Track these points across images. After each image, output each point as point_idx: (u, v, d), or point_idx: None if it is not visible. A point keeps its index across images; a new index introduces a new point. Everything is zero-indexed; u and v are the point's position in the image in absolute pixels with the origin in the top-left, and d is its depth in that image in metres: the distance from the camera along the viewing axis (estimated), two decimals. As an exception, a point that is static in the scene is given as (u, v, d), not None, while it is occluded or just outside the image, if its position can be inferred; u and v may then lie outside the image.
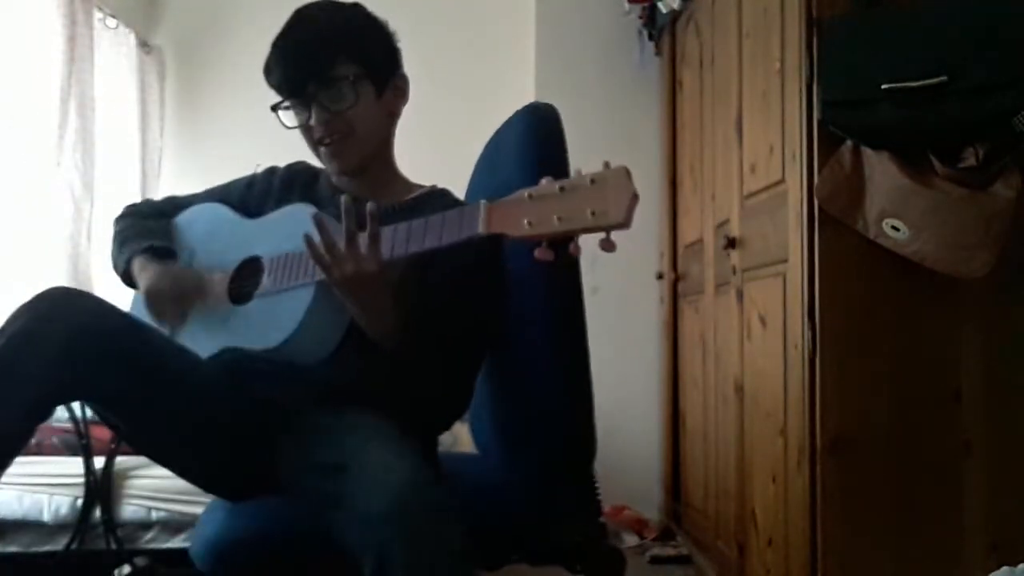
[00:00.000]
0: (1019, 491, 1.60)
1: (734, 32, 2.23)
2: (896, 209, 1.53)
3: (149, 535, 2.01)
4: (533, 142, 1.35)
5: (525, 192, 1.01)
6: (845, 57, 1.58)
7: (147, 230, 1.47)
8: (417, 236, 1.11)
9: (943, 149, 1.50)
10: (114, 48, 3.24)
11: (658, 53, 3.26)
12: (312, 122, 1.32)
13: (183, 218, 1.51)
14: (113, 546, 1.96)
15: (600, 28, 3.33)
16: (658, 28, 3.16)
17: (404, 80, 1.43)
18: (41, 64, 2.73)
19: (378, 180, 1.40)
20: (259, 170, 1.53)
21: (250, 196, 1.48)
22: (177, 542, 1.98)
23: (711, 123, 2.53)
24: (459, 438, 2.01)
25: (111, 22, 3.21)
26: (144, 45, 3.44)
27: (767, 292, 1.93)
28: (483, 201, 1.04)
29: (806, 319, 1.66)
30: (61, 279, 2.78)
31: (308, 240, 1.11)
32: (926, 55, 1.48)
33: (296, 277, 1.23)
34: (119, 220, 1.53)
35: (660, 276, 3.15)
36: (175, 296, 1.35)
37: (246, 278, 1.34)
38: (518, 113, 1.42)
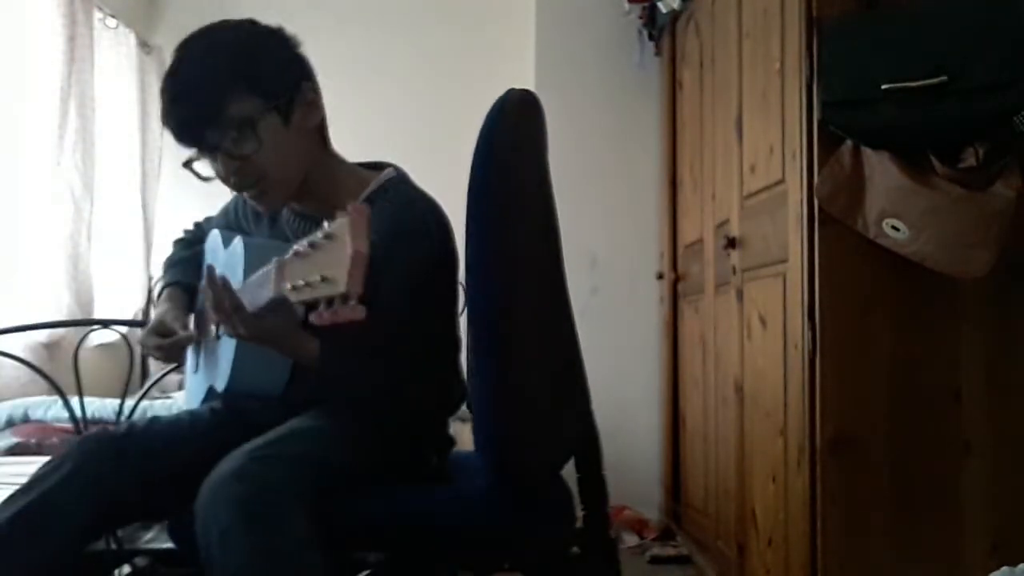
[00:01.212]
0: (1019, 491, 1.60)
1: (734, 32, 2.23)
2: (896, 209, 1.53)
3: (149, 535, 2.01)
4: (487, 129, 1.17)
5: (293, 249, 0.93)
6: (845, 57, 1.58)
7: (178, 260, 1.51)
8: (253, 292, 1.09)
9: (943, 149, 1.50)
10: (114, 48, 3.24)
11: (658, 53, 3.26)
12: (220, 176, 1.24)
13: (207, 243, 1.48)
14: (113, 546, 1.96)
15: (600, 28, 3.33)
16: (658, 28, 3.16)
17: (314, 91, 1.28)
18: (41, 64, 2.73)
19: (323, 191, 1.31)
20: None
21: (240, 213, 1.46)
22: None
23: (711, 123, 2.53)
24: (459, 437, 2.00)
25: (111, 22, 3.21)
26: (144, 45, 3.44)
27: (767, 292, 1.93)
28: (275, 259, 0.99)
29: (806, 319, 1.66)
30: (61, 279, 2.78)
31: (197, 312, 1.19)
32: (926, 55, 1.48)
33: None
34: (173, 245, 1.57)
35: (660, 276, 3.15)
36: (153, 336, 1.35)
37: None
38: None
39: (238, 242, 1.25)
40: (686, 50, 2.90)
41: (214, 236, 1.43)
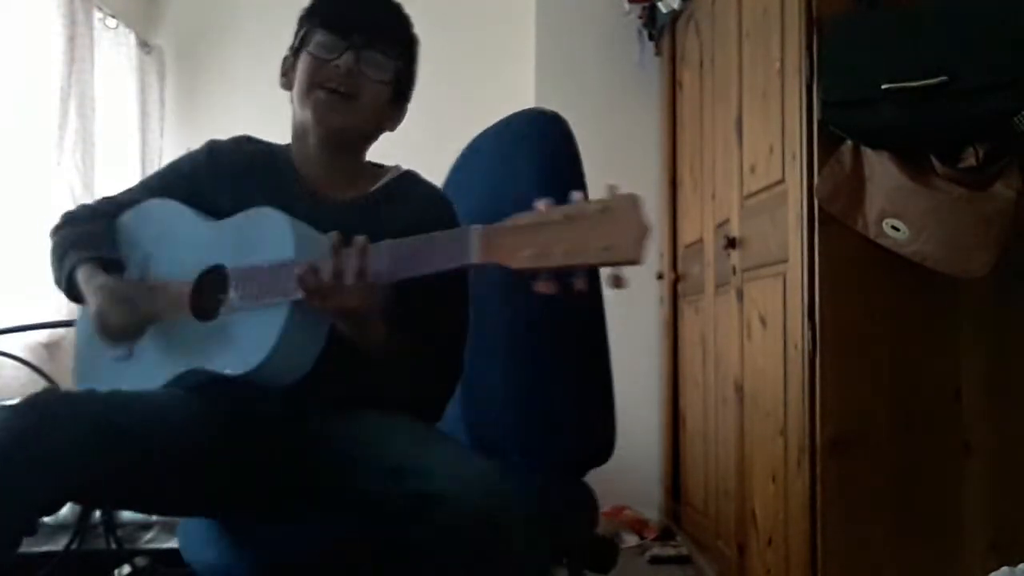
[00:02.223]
0: (1019, 491, 1.60)
1: (734, 32, 2.23)
2: (896, 209, 1.53)
3: (149, 535, 2.01)
4: (549, 155, 1.33)
5: (522, 219, 0.93)
6: (845, 57, 1.58)
7: (89, 236, 1.31)
8: (405, 263, 1.04)
9: (943, 149, 1.50)
10: (114, 48, 3.24)
11: (658, 53, 3.26)
12: (339, 62, 1.26)
13: (129, 218, 1.34)
14: (113, 546, 1.96)
15: (600, 28, 3.33)
16: (658, 28, 3.16)
17: (403, 115, 1.41)
18: (41, 64, 2.73)
19: (345, 172, 1.34)
20: (192, 151, 1.40)
21: (197, 186, 1.33)
22: (177, 542, 1.98)
23: (711, 123, 2.53)
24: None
25: (111, 22, 3.21)
26: (144, 45, 3.44)
27: (767, 292, 1.92)
28: (476, 227, 0.97)
29: (806, 319, 1.66)
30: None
31: (300, 278, 1.06)
32: (926, 55, 1.48)
33: (268, 295, 1.12)
34: (55, 231, 1.36)
35: (660, 276, 3.15)
36: (131, 314, 1.20)
37: (207, 290, 1.22)
38: (525, 120, 1.42)
39: (277, 216, 1.16)
40: (686, 50, 2.90)
41: (161, 205, 1.31)
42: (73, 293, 1.28)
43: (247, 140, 1.40)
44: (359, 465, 1.11)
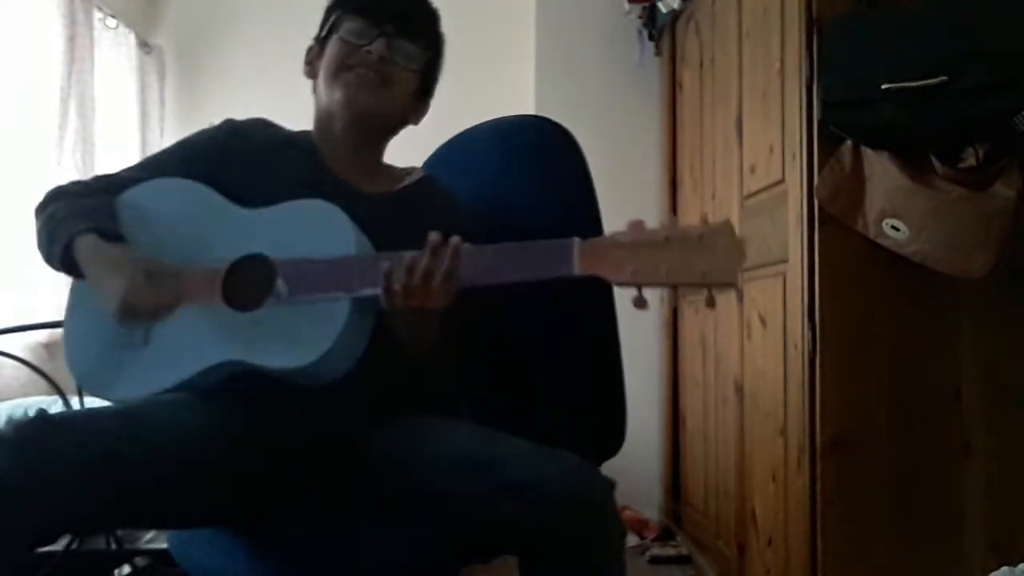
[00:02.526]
0: (1019, 491, 1.60)
1: (734, 32, 2.23)
2: (896, 209, 1.53)
3: (149, 535, 2.01)
4: (559, 176, 1.38)
5: (623, 236, 1.00)
6: (845, 57, 1.58)
7: (86, 208, 1.19)
8: (501, 268, 1.05)
9: (943, 149, 1.50)
10: (114, 48, 3.24)
11: (658, 53, 3.26)
12: (371, 48, 1.25)
13: (134, 197, 1.23)
14: (113, 546, 1.96)
15: (600, 28, 3.33)
16: (658, 28, 3.16)
17: (427, 109, 1.40)
18: (41, 64, 2.73)
19: (369, 164, 1.34)
20: (207, 128, 1.35)
21: (212, 166, 1.25)
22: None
23: (711, 123, 2.53)
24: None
25: (111, 22, 3.21)
26: (144, 45, 3.44)
27: (767, 292, 1.93)
28: (575, 239, 1.01)
29: (806, 319, 1.66)
30: (61, 279, 2.77)
31: (387, 275, 1.04)
32: (926, 55, 1.48)
33: (325, 289, 1.09)
34: (41, 208, 1.23)
35: (660, 276, 3.14)
36: (166, 292, 1.12)
37: (243, 279, 1.15)
38: (533, 131, 1.43)
39: (335, 212, 1.14)
40: (686, 50, 2.90)
41: (180, 186, 1.23)
42: (70, 267, 1.16)
43: (265, 123, 1.36)
44: (424, 465, 1.10)
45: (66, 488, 0.95)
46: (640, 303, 1.00)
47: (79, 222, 1.16)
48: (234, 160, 1.27)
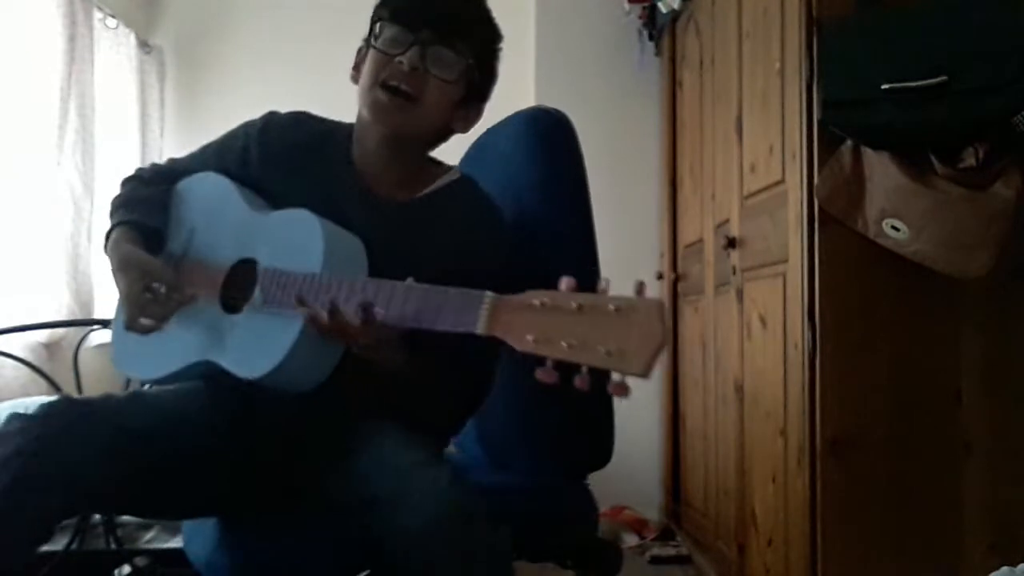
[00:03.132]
0: (1019, 491, 1.60)
1: (734, 32, 2.23)
2: (896, 209, 1.53)
3: (149, 535, 2.01)
4: (550, 156, 1.35)
5: (537, 298, 0.88)
6: (845, 57, 1.58)
7: (139, 199, 1.29)
8: (413, 318, 1.00)
9: (943, 149, 1.50)
10: (114, 48, 3.24)
11: (658, 53, 3.26)
12: (403, 58, 1.20)
13: (183, 188, 1.32)
14: (113, 546, 1.96)
15: (600, 28, 3.33)
16: (658, 28, 3.16)
17: (478, 116, 1.34)
18: (41, 64, 2.73)
19: (402, 172, 1.29)
20: (249, 121, 1.35)
21: (247, 163, 1.30)
22: (177, 542, 1.98)
23: (711, 123, 2.53)
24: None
25: (111, 22, 3.21)
26: (144, 45, 3.44)
27: (767, 292, 1.93)
28: (488, 296, 0.92)
29: (806, 319, 1.66)
30: (61, 279, 2.78)
31: (308, 320, 1.05)
32: (926, 55, 1.47)
33: (286, 304, 1.10)
34: (123, 184, 1.36)
35: (660, 276, 3.15)
36: (133, 285, 1.17)
37: (238, 282, 1.21)
38: (527, 119, 1.43)
39: (312, 220, 1.14)
40: (686, 50, 2.90)
41: (214, 181, 1.29)
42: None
43: (306, 118, 1.35)
44: (332, 473, 1.14)
45: (78, 462, 1.02)
46: (548, 376, 0.85)
47: (124, 212, 1.27)
48: (268, 157, 1.29)
